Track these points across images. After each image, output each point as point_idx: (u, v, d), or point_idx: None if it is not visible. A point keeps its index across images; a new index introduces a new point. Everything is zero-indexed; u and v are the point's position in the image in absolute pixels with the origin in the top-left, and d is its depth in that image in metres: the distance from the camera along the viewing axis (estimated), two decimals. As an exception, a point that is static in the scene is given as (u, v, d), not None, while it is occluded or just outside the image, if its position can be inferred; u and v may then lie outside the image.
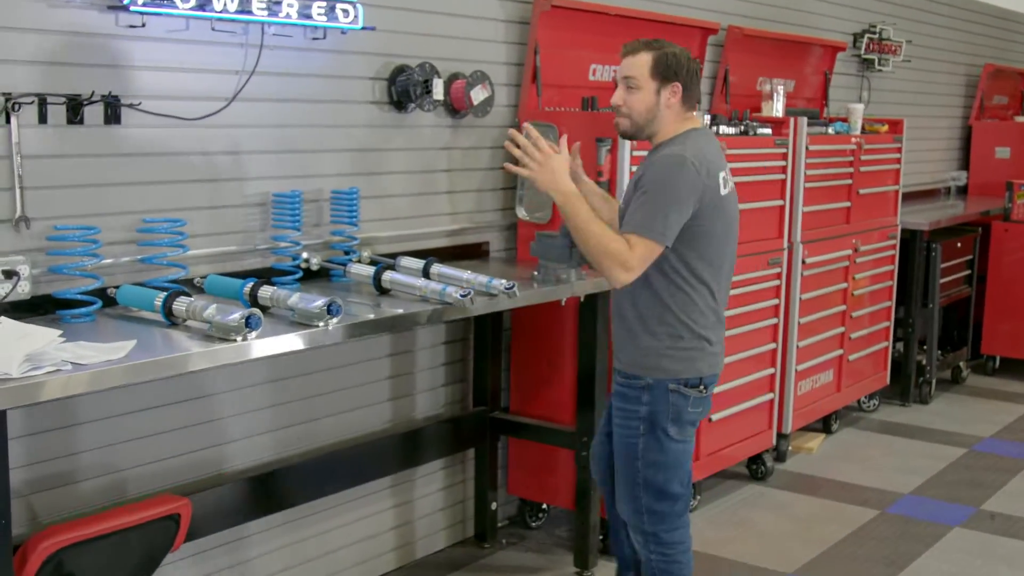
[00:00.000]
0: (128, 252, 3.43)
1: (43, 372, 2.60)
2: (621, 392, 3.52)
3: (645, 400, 3.45)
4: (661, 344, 3.43)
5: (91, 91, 3.27)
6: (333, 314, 3.19)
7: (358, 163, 4.14)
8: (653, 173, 3.35)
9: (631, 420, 3.48)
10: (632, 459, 3.49)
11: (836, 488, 5.63)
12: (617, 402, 3.54)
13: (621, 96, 3.46)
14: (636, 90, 3.42)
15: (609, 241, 3.30)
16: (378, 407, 4.36)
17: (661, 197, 3.29)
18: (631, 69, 3.42)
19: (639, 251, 3.28)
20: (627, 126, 3.49)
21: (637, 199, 3.34)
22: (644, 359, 3.46)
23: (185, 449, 3.68)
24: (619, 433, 3.53)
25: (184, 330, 3.11)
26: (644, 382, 3.45)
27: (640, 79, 3.41)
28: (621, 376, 3.54)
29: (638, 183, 3.40)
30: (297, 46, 3.84)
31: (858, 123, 6.34)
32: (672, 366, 3.43)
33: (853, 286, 6.36)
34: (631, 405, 3.48)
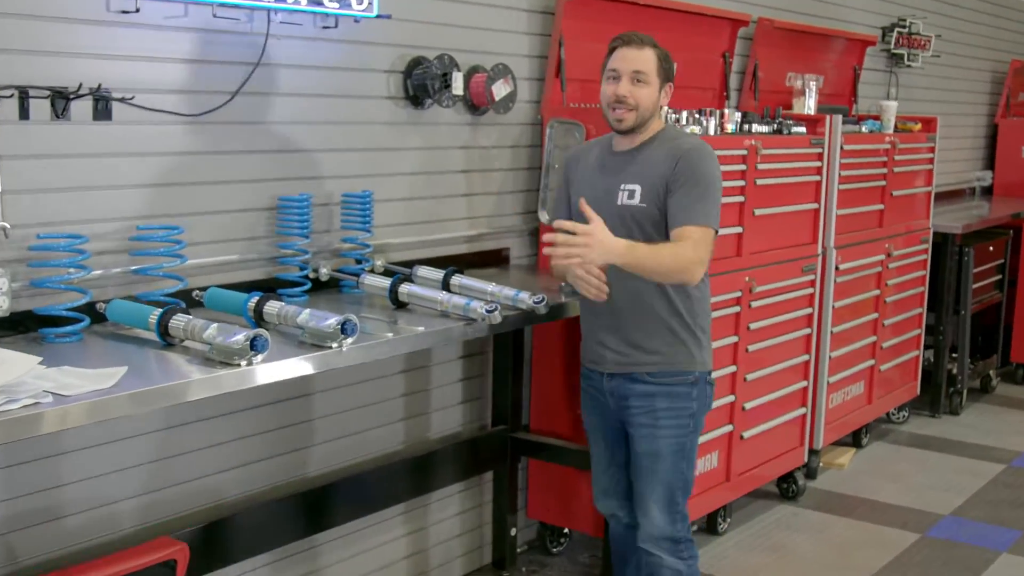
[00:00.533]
0: (119, 262, 3.10)
1: (19, 406, 2.26)
2: (667, 392, 3.38)
3: (695, 395, 3.40)
4: (698, 338, 3.41)
5: (78, 84, 2.93)
6: (348, 334, 2.86)
7: (371, 164, 3.81)
8: (693, 165, 3.28)
9: (681, 418, 3.40)
10: (679, 460, 3.41)
11: (872, 508, 5.31)
12: (662, 403, 3.38)
13: (628, 89, 3.29)
14: (645, 85, 3.30)
15: (677, 254, 3.20)
16: (390, 428, 4.04)
17: (711, 187, 3.29)
18: (641, 63, 3.30)
19: (706, 243, 3.24)
20: (633, 120, 3.32)
21: (685, 191, 3.24)
22: (690, 355, 3.39)
23: (180, 478, 3.35)
24: (664, 434, 3.39)
25: (182, 352, 2.78)
26: (693, 376, 3.39)
27: (650, 74, 3.31)
28: (661, 377, 3.38)
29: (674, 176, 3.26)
30: (306, 35, 3.51)
31: (891, 121, 6.02)
32: (708, 358, 3.45)
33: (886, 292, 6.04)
34: (681, 403, 3.40)
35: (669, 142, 3.35)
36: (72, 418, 2.31)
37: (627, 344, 3.37)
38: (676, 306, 3.35)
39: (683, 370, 3.38)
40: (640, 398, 3.38)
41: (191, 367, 2.65)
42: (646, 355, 3.36)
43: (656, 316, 3.34)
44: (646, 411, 3.38)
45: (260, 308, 2.99)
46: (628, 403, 3.40)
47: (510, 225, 4.40)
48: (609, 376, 3.43)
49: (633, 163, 3.35)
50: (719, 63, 5.42)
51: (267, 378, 2.70)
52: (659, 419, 3.37)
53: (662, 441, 3.37)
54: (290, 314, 2.94)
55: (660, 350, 3.36)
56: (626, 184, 3.33)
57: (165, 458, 3.30)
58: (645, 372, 3.37)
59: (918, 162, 6.27)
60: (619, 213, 3.31)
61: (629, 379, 3.39)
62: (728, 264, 4.57)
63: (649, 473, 3.40)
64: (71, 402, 2.32)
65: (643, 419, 3.38)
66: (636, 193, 3.31)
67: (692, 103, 5.04)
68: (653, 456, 3.39)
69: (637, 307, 3.35)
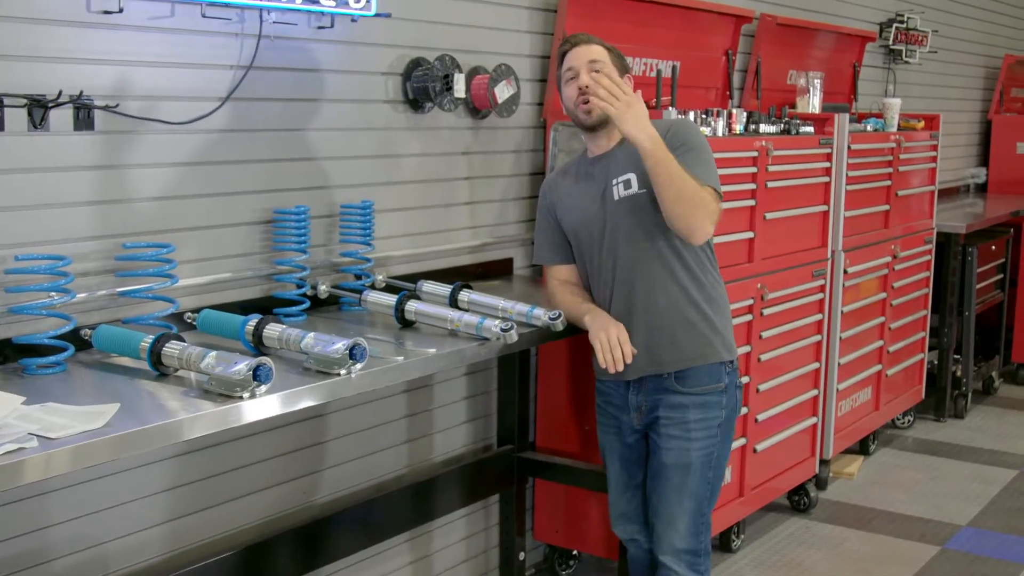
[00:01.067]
0: (105, 284, 2.86)
1: (1, 452, 2.02)
2: (699, 402, 3.21)
3: (725, 403, 3.26)
4: (716, 325, 3.24)
5: (58, 91, 2.68)
6: (357, 359, 2.63)
7: (369, 172, 3.58)
8: (682, 133, 3.14)
9: (711, 428, 3.24)
10: (707, 470, 3.25)
11: (887, 520, 5.12)
12: (694, 415, 3.21)
13: (588, 78, 3.12)
14: (603, 72, 3.13)
15: (701, 191, 3.04)
16: (391, 451, 3.80)
17: (705, 151, 3.15)
18: (593, 55, 3.19)
19: (716, 202, 3.11)
20: (599, 113, 3.13)
21: (685, 158, 3.06)
22: (712, 345, 3.22)
23: (172, 514, 3.11)
24: (695, 447, 3.22)
25: (176, 383, 2.55)
26: (722, 383, 3.24)
27: (606, 63, 3.18)
28: (690, 382, 3.20)
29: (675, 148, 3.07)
30: (301, 36, 3.28)
31: (895, 119, 5.84)
32: (731, 342, 3.29)
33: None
34: (713, 412, 3.24)
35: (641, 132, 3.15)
36: (59, 464, 2.07)
37: (646, 345, 3.19)
38: (691, 295, 3.20)
39: (711, 364, 3.21)
40: (670, 409, 3.21)
41: (188, 401, 2.41)
42: (668, 352, 3.20)
43: (671, 310, 3.18)
44: (677, 423, 3.20)
45: (259, 332, 2.76)
46: (656, 414, 3.22)
47: (513, 234, 4.18)
48: (635, 386, 3.24)
49: (618, 157, 3.21)
50: (722, 61, 5.22)
51: (273, 411, 2.47)
52: (691, 431, 3.20)
53: (693, 454, 3.20)
54: (293, 338, 2.71)
55: (681, 345, 3.20)
56: (618, 177, 3.18)
57: (156, 493, 3.07)
58: (671, 372, 3.19)
59: (921, 160, 6.11)
60: (621, 207, 3.16)
61: (657, 387, 3.22)
62: (740, 271, 4.37)
63: (678, 487, 3.22)
64: (58, 446, 2.07)
65: (674, 431, 3.21)
66: (632, 181, 3.16)
67: (695, 103, 4.85)
68: (683, 469, 3.21)
69: (651, 304, 3.18)
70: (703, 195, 3.03)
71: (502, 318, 3.13)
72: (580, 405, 4.16)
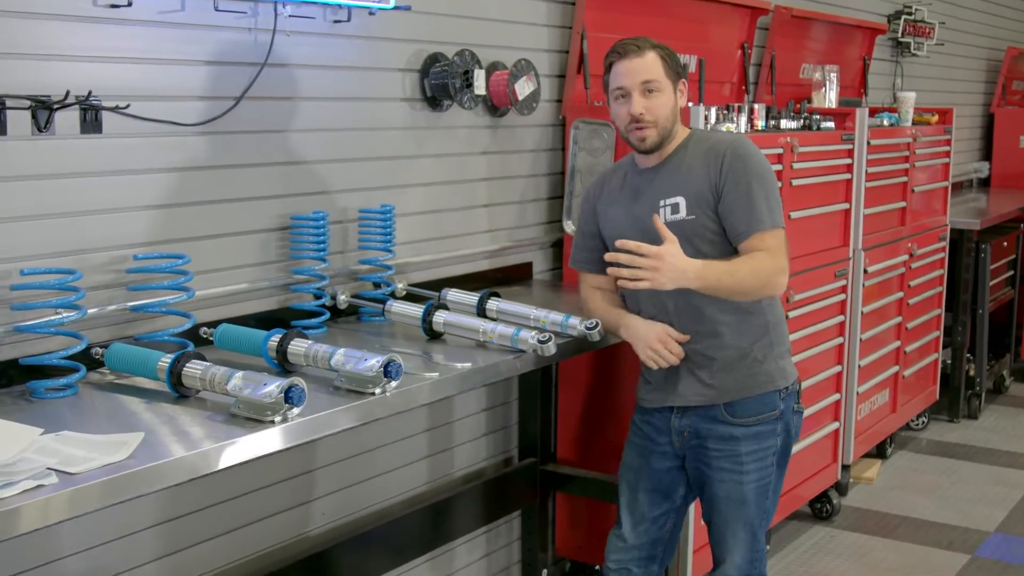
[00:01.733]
0: (116, 298, 2.67)
1: (17, 491, 1.82)
2: (752, 433, 3.00)
3: (779, 431, 3.04)
4: (775, 350, 3.03)
5: (64, 91, 2.49)
6: (392, 377, 2.45)
7: (387, 174, 3.40)
8: (742, 162, 2.89)
9: (766, 459, 3.03)
10: (763, 499, 3.06)
11: (912, 527, 4.96)
12: (746, 447, 3.00)
13: (643, 104, 2.89)
14: (658, 93, 2.91)
15: (756, 269, 2.84)
16: (410, 468, 3.62)
17: (767, 182, 2.92)
18: (647, 72, 2.90)
19: (780, 247, 2.90)
20: (655, 136, 2.92)
21: (741, 194, 2.86)
22: (769, 374, 3.00)
23: (184, 542, 2.92)
24: (749, 479, 3.01)
25: (198, 405, 2.36)
26: (776, 411, 3.02)
27: (660, 80, 2.91)
28: (742, 413, 2.99)
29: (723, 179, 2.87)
30: (317, 30, 3.09)
31: (909, 114, 5.68)
32: (789, 368, 3.07)
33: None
34: (767, 443, 3.03)
35: (703, 143, 2.97)
36: (84, 502, 1.88)
37: (693, 376, 2.98)
38: (743, 324, 2.96)
39: (763, 393, 2.99)
40: (721, 441, 2.99)
41: (215, 426, 2.22)
42: (717, 384, 2.97)
43: (720, 341, 2.95)
44: (728, 455, 2.99)
45: (284, 348, 2.57)
46: (706, 444, 3.01)
47: (533, 237, 4.00)
48: (680, 413, 3.03)
49: (668, 175, 2.95)
50: (737, 55, 5.05)
51: (307, 435, 2.28)
52: (743, 463, 2.98)
53: (747, 487, 2.99)
54: (320, 355, 2.52)
55: (731, 376, 2.97)
56: (666, 199, 2.93)
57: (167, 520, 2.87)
58: (723, 403, 2.98)
59: (936, 156, 5.96)
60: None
61: (705, 416, 3.00)
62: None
63: (733, 519, 3.03)
64: (81, 482, 1.88)
65: (725, 463, 2.99)
66: (680, 206, 2.91)
67: (711, 98, 4.68)
68: (738, 502, 3.01)
69: (698, 336, 2.96)
70: (761, 269, 2.83)
71: (537, 328, 2.95)
72: (603, 415, 3.98)
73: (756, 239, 2.85)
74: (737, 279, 2.81)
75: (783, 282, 2.90)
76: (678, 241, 2.84)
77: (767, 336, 2.99)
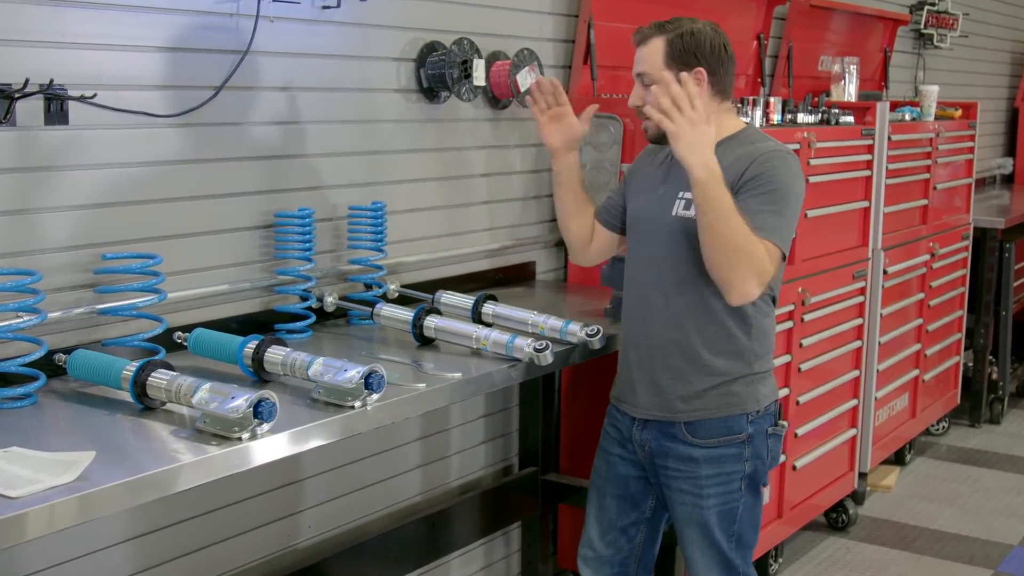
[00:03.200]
0: (82, 301, 2.50)
1: (-50, 517, 1.66)
2: (713, 456, 2.77)
3: (747, 455, 2.80)
4: (753, 372, 2.79)
5: (25, 79, 2.31)
6: (373, 389, 2.28)
7: (379, 169, 3.22)
8: (769, 168, 2.66)
9: (731, 483, 2.80)
10: (730, 524, 2.82)
11: (932, 539, 4.77)
12: (706, 470, 2.78)
13: (639, 96, 2.74)
14: (653, 85, 2.70)
15: (753, 243, 2.57)
16: (404, 477, 3.45)
17: (786, 198, 2.67)
18: (642, 63, 2.74)
19: (775, 261, 2.64)
20: (653, 130, 2.71)
21: (753, 195, 2.63)
22: (739, 397, 2.77)
23: (159, 557, 2.76)
24: (710, 504, 2.79)
25: (164, 418, 2.19)
26: (743, 434, 2.78)
27: (654, 72, 2.71)
28: (703, 434, 2.77)
29: (743, 180, 2.65)
30: (303, 17, 2.92)
31: (932, 108, 5.47)
32: (765, 391, 2.81)
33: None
34: (730, 467, 2.79)
35: (747, 146, 2.72)
36: (18, 531, 1.71)
37: (658, 385, 2.78)
38: (725, 343, 2.74)
39: (728, 416, 2.76)
40: (680, 461, 2.78)
41: (179, 442, 2.05)
42: (682, 401, 2.76)
43: (696, 356, 2.74)
44: (687, 477, 2.78)
45: (260, 356, 2.40)
46: (666, 463, 2.80)
47: (535, 236, 3.82)
48: (641, 425, 2.83)
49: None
50: (753, 46, 4.86)
51: (277, 453, 2.11)
52: (703, 487, 2.76)
53: (708, 512, 2.77)
54: (299, 364, 2.35)
55: (698, 394, 2.75)
56: (684, 192, 2.72)
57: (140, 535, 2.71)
58: (682, 422, 2.77)
59: (959, 151, 5.76)
60: (670, 226, 2.73)
61: (665, 432, 2.79)
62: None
63: (696, 541, 2.82)
64: (18, 508, 1.72)
65: (684, 485, 2.78)
66: (693, 204, 2.71)
67: (726, 91, 4.49)
68: (699, 525, 2.80)
69: (673, 343, 2.76)
70: (753, 248, 2.56)
71: (534, 335, 2.78)
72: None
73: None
74: (729, 225, 2.53)
75: (754, 290, 2.60)
76: (682, 237, 2.69)
77: (745, 356, 2.77)
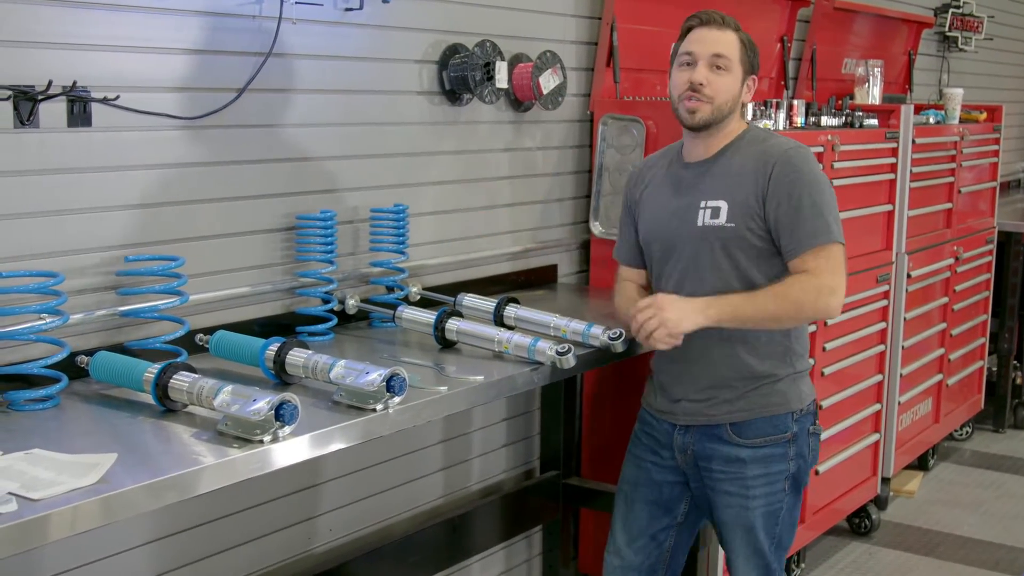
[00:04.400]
0: (104, 303, 2.50)
1: (-30, 519, 1.66)
2: (760, 456, 2.76)
3: (792, 454, 2.79)
4: (792, 369, 2.79)
5: (48, 81, 2.31)
6: (395, 392, 2.27)
7: (401, 172, 3.21)
8: (794, 171, 2.66)
9: (776, 484, 2.79)
10: (773, 526, 2.82)
11: (955, 545, 4.73)
12: (753, 470, 2.76)
13: (706, 76, 2.67)
14: (726, 72, 2.70)
15: (785, 291, 2.62)
16: (425, 480, 3.44)
17: (821, 193, 2.67)
18: (722, 46, 2.70)
19: (825, 265, 2.63)
20: (707, 113, 2.69)
21: (791, 208, 2.63)
22: (783, 394, 2.77)
23: (178, 560, 2.75)
24: (756, 505, 2.78)
25: (186, 420, 2.18)
26: (789, 432, 2.77)
27: (733, 60, 2.71)
28: (750, 433, 2.75)
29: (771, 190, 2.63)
30: (326, 19, 2.91)
31: (956, 111, 5.43)
32: (806, 389, 2.82)
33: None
34: (777, 467, 2.78)
35: (757, 145, 2.73)
36: (40, 534, 1.70)
37: (700, 393, 2.77)
38: (763, 347, 2.75)
39: (774, 415, 2.76)
40: (726, 462, 2.77)
41: (200, 445, 2.05)
42: (726, 403, 2.76)
43: (735, 363, 2.74)
44: (733, 479, 2.77)
45: (282, 359, 2.39)
46: (711, 466, 2.79)
47: (558, 238, 3.80)
48: (683, 430, 2.82)
49: (713, 174, 2.73)
50: (776, 49, 4.83)
51: (298, 456, 2.10)
52: (750, 488, 2.76)
53: (754, 512, 2.77)
54: (320, 367, 2.34)
55: (741, 397, 2.75)
56: (707, 200, 2.71)
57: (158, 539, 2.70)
58: (727, 423, 2.76)
59: (984, 155, 5.72)
60: (701, 236, 2.71)
61: (709, 435, 2.78)
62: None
63: (741, 545, 2.82)
64: (41, 509, 1.71)
65: (730, 487, 2.77)
66: (721, 211, 2.69)
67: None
68: (745, 529, 2.79)
69: (711, 353, 2.74)
70: (799, 295, 2.61)
71: (555, 338, 2.76)
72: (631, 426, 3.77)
73: (799, 260, 2.64)
74: (757, 306, 2.61)
75: (832, 303, 2.64)
76: (713, 248, 2.67)
77: (787, 356, 2.77)
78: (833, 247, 2.63)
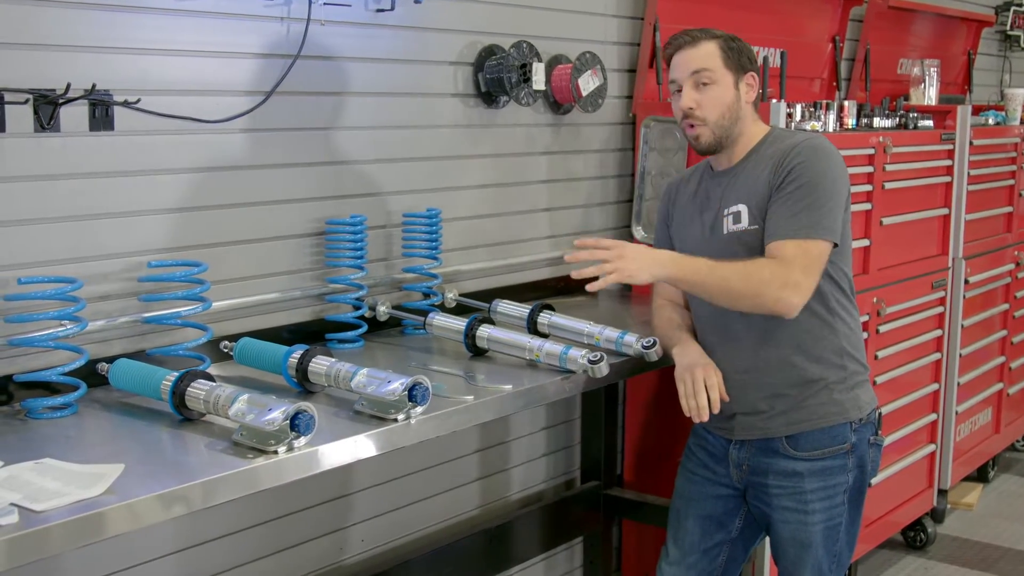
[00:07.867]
0: (127, 309, 2.46)
1: (-33, 531, 1.62)
2: (818, 468, 2.67)
3: (851, 466, 2.70)
4: (846, 378, 2.68)
5: (67, 84, 2.28)
6: (417, 402, 2.20)
7: (435, 176, 3.16)
8: (800, 161, 2.57)
9: (835, 497, 2.70)
10: (832, 543, 2.72)
11: (1016, 560, 4.57)
12: (811, 483, 2.67)
13: (693, 98, 2.61)
14: (711, 85, 2.62)
15: (753, 270, 2.51)
16: (462, 490, 3.38)
17: (820, 188, 2.55)
18: (699, 61, 2.62)
19: (802, 260, 2.51)
20: (709, 135, 2.63)
21: (787, 195, 2.55)
22: (839, 404, 2.67)
23: (205, 571, 2.72)
24: (815, 520, 2.69)
25: (203, 430, 2.13)
26: (847, 443, 2.67)
27: (715, 70, 2.62)
28: (807, 446, 2.66)
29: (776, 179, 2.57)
30: (356, 20, 2.86)
31: (1017, 111, 5.26)
32: (865, 397, 2.71)
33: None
34: (835, 479, 2.69)
35: (776, 145, 2.64)
36: (41, 546, 1.66)
37: (754, 406, 2.68)
38: (814, 349, 2.64)
39: (831, 425, 2.65)
40: (782, 476, 2.67)
41: (213, 455, 2.00)
42: (781, 414, 2.66)
43: (787, 368, 2.64)
44: (791, 493, 2.67)
45: (304, 366, 2.34)
46: (766, 480, 2.70)
47: (598, 244, 3.72)
48: (738, 444, 2.73)
49: (736, 180, 2.65)
50: (828, 49, 4.71)
51: (314, 468, 2.04)
52: (808, 502, 2.66)
53: (813, 528, 2.67)
54: (342, 375, 2.28)
55: (797, 407, 2.65)
56: (729, 207, 2.64)
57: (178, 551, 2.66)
58: (783, 436, 2.66)
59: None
60: (727, 243, 2.63)
61: (765, 448, 2.69)
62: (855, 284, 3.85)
63: (798, 563, 2.72)
64: (41, 522, 1.67)
65: (787, 502, 2.68)
66: (743, 215, 2.61)
67: (798, 95, 4.36)
68: (803, 545, 2.69)
69: (760, 362, 2.65)
70: (761, 274, 2.49)
71: (589, 346, 2.68)
72: (674, 435, 3.67)
73: (775, 246, 2.53)
74: (719, 275, 2.49)
75: (794, 301, 2.50)
76: (738, 254, 2.58)
77: (841, 360, 2.67)
78: (817, 243, 2.52)
